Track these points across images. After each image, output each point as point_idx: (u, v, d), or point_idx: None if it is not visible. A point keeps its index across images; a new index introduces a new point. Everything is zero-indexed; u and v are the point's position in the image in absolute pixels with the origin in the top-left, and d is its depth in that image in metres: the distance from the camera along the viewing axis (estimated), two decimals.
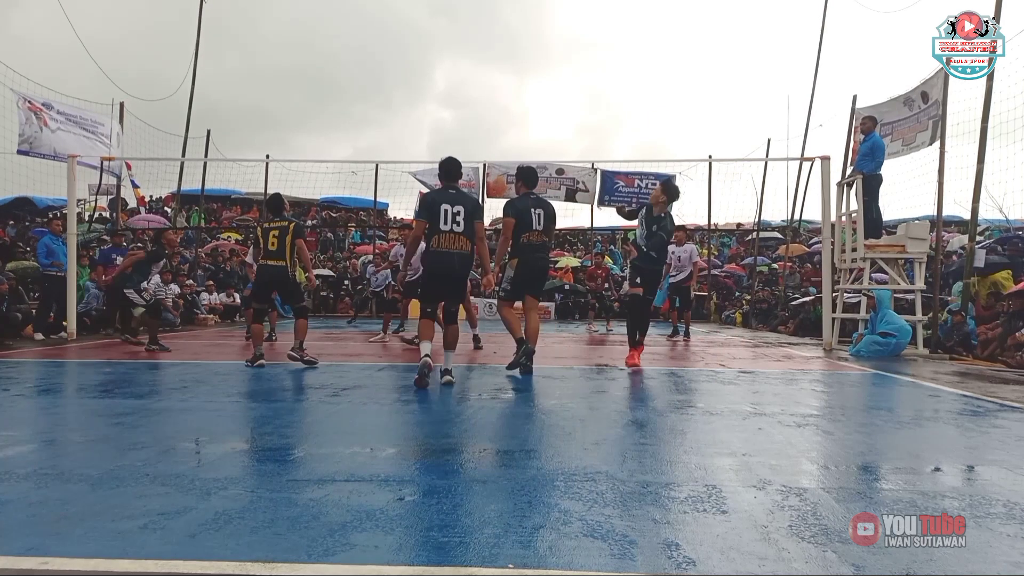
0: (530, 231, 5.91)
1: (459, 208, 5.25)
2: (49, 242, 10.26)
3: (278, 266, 6.62)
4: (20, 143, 12.16)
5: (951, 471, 3.10)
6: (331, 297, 18.17)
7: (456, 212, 5.24)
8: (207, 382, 5.89)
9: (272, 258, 6.63)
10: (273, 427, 3.86)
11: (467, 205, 5.30)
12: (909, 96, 10.69)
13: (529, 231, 5.91)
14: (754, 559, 1.95)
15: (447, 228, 5.23)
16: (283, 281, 6.74)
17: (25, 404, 4.67)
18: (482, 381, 5.60)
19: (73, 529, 2.15)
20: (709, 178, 15.76)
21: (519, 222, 5.90)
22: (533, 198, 6.08)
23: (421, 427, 3.87)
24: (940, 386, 5.78)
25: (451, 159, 5.46)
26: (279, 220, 6.78)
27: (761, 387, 5.59)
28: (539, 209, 5.98)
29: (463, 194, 5.39)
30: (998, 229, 14.72)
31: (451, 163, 5.45)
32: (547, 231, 6.05)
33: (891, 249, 9.16)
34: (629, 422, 4.01)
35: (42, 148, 12.40)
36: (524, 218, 5.91)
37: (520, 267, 5.94)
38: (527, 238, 5.91)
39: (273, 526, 2.17)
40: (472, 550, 2.00)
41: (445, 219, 5.22)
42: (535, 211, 5.94)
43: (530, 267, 5.97)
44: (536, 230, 5.93)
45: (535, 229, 5.93)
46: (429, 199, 5.36)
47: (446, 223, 5.22)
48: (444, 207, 5.24)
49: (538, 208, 5.98)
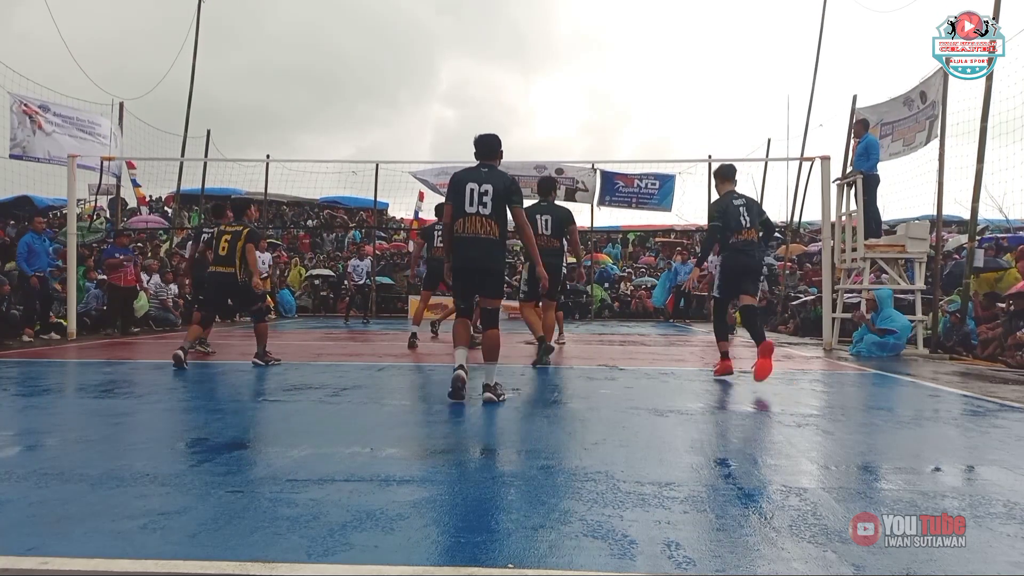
0: (537, 236, 5.91)
1: (487, 188, 4.55)
2: (30, 241, 9.73)
3: (226, 273, 6.37)
4: (12, 147, 12.12)
5: (951, 471, 3.10)
6: (331, 297, 18.18)
7: (484, 192, 4.55)
8: (207, 382, 5.89)
9: (220, 264, 6.42)
10: (273, 427, 3.87)
11: (497, 184, 4.58)
12: (909, 96, 10.70)
13: (536, 236, 5.89)
14: (754, 559, 1.95)
15: (472, 210, 4.56)
16: (232, 288, 6.47)
17: (25, 404, 4.67)
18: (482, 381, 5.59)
19: (73, 529, 2.15)
20: (709, 178, 15.74)
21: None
22: (544, 205, 6.48)
23: (421, 427, 3.87)
24: (940, 386, 5.78)
25: (485, 135, 4.78)
26: (235, 225, 6.55)
27: (761, 387, 5.59)
28: (547, 215, 6.30)
29: (497, 172, 4.67)
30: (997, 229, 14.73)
31: (483, 139, 4.75)
32: (556, 235, 6.28)
33: (891, 249, 9.16)
34: (629, 422, 4.01)
35: (35, 152, 12.36)
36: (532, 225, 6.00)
37: (531, 270, 6.10)
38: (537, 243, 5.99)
39: (273, 526, 2.17)
40: (472, 550, 2.00)
41: (471, 200, 4.56)
42: (542, 217, 6.24)
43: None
44: (543, 235, 6.27)
45: (541, 234, 6.27)
46: (456, 178, 4.69)
47: (471, 204, 4.56)
48: (470, 186, 4.57)
49: (546, 215, 6.29)
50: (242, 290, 6.49)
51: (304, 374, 6.11)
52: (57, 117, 12.74)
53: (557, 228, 6.39)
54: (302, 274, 18.71)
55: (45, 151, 12.45)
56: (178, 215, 19.16)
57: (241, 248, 6.34)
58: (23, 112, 12.18)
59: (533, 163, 16.34)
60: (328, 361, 7.24)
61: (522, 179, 16.15)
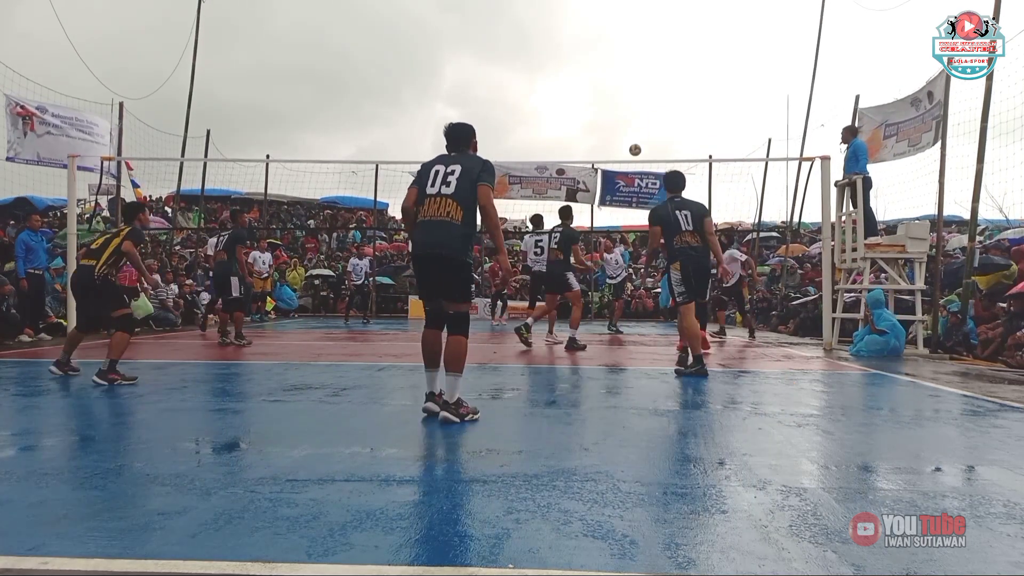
0: (679, 233, 6.11)
1: (455, 167, 3.94)
2: (27, 239, 9.77)
3: (86, 266, 5.68)
4: (8, 150, 12.13)
5: (951, 471, 3.10)
6: (331, 297, 18.18)
7: (450, 171, 3.93)
8: (207, 382, 5.89)
9: (86, 257, 5.81)
10: (273, 427, 3.86)
11: (466, 164, 3.95)
12: (916, 96, 10.66)
13: (679, 234, 6.16)
14: (754, 559, 1.95)
15: (434, 191, 3.93)
16: (87, 284, 5.62)
17: (25, 404, 4.67)
18: (482, 381, 5.59)
19: (73, 529, 2.15)
20: (709, 178, 15.76)
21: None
22: (677, 200, 6.25)
23: (421, 427, 3.87)
24: (940, 386, 5.78)
25: (456, 123, 4.21)
26: (127, 226, 5.93)
27: (761, 387, 5.59)
28: (685, 210, 6.11)
29: (468, 155, 4.08)
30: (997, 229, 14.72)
31: (454, 127, 4.19)
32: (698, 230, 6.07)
33: (891, 249, 9.16)
34: (629, 422, 4.01)
35: (25, 154, 12.36)
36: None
37: (682, 269, 6.24)
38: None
39: (273, 526, 2.17)
40: (472, 549, 2.00)
41: (433, 181, 3.96)
42: (681, 212, 6.07)
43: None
44: (686, 230, 6.19)
45: (684, 230, 6.24)
46: (424, 164, 4.15)
47: (433, 185, 3.95)
48: (436, 168, 4.00)
49: (684, 210, 6.10)
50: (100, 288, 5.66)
51: (304, 374, 6.11)
52: (55, 118, 12.73)
53: (698, 222, 6.05)
54: (302, 274, 18.70)
55: (35, 153, 12.43)
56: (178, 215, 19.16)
57: (116, 245, 5.64)
58: (16, 114, 12.17)
59: (534, 163, 16.34)
60: (328, 361, 7.24)
61: (524, 179, 16.21)
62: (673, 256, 6.08)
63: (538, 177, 16.16)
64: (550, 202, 16.49)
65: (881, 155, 11.50)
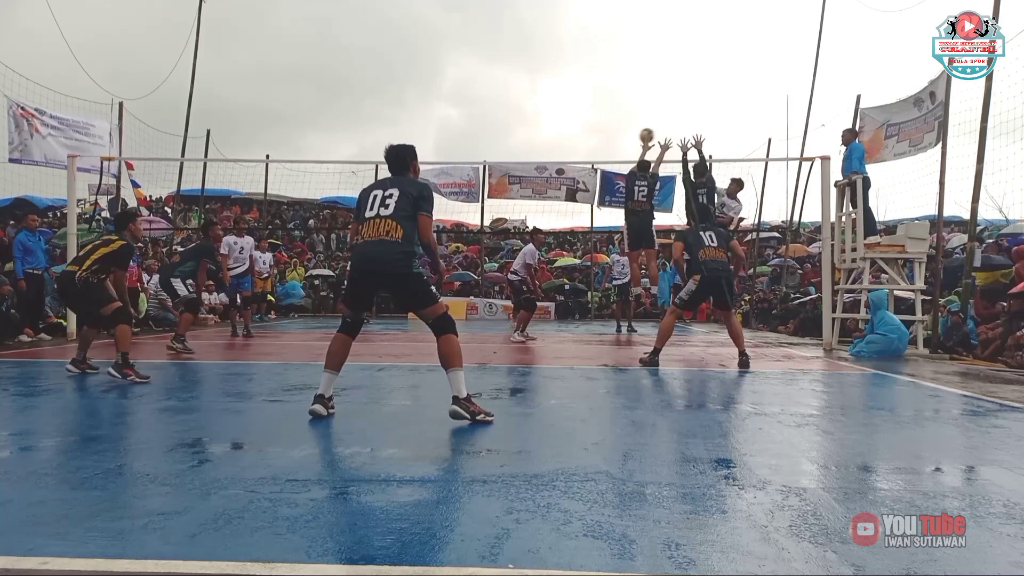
0: (703, 249, 7.01)
1: (392, 191, 3.99)
2: (24, 239, 9.70)
3: (68, 271, 5.84)
4: (11, 151, 12.12)
5: (951, 471, 3.10)
6: (331, 297, 18.18)
7: (388, 195, 3.99)
8: (206, 381, 5.89)
9: (70, 263, 6.02)
10: (273, 427, 3.86)
11: (404, 187, 4.01)
12: (919, 96, 10.63)
13: (703, 249, 7.04)
14: (754, 559, 1.95)
15: (372, 213, 3.98)
16: (67, 289, 5.77)
17: (25, 404, 4.67)
18: (482, 381, 5.59)
19: (73, 529, 2.15)
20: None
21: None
22: (704, 226, 7.33)
23: (421, 427, 3.87)
24: (940, 386, 5.78)
25: (395, 145, 4.22)
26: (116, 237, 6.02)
27: (761, 387, 5.59)
28: (710, 232, 7.13)
29: (408, 179, 4.13)
30: (997, 229, 14.72)
31: (393, 149, 4.20)
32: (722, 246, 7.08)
33: (891, 249, 9.16)
34: (629, 422, 4.01)
35: (33, 155, 12.36)
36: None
37: (701, 278, 7.03)
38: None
39: (273, 526, 2.17)
40: (472, 549, 2.00)
41: (372, 205, 4.02)
42: (706, 234, 7.08)
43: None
44: (709, 247, 7.02)
45: (708, 246, 7.06)
46: (363, 191, 4.20)
47: (372, 209, 4.00)
48: (375, 193, 4.05)
49: (710, 231, 7.13)
50: (83, 290, 5.72)
51: (304, 374, 6.11)
52: (54, 119, 12.72)
53: (723, 240, 7.11)
54: (302, 274, 18.71)
55: (42, 155, 12.44)
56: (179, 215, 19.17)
57: (100, 255, 5.77)
58: (20, 115, 12.16)
59: (534, 163, 16.34)
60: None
61: (524, 179, 16.20)
62: (697, 268, 6.87)
63: (538, 177, 16.16)
64: (550, 202, 16.50)
65: (882, 155, 11.49)
